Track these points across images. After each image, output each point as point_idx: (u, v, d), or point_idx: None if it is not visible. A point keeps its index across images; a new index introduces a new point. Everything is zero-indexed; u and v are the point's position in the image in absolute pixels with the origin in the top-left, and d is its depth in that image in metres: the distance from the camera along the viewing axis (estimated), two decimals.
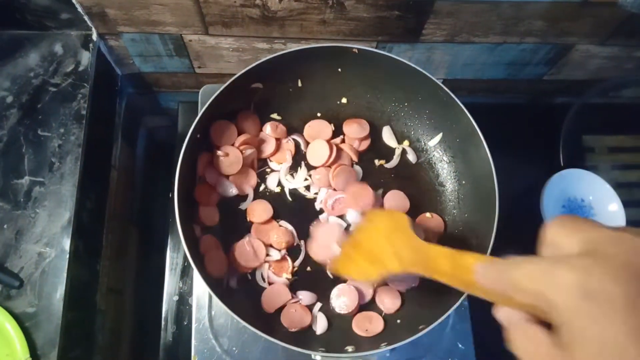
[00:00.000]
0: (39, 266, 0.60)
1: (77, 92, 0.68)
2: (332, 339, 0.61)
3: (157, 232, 0.87)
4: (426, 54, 0.79)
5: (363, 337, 0.60)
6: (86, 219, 0.67)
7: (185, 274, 0.74)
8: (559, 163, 0.83)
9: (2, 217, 0.61)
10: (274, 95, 0.69)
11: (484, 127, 0.60)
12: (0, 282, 0.58)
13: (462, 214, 0.66)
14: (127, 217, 0.89)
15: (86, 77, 0.69)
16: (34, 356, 0.56)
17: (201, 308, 0.66)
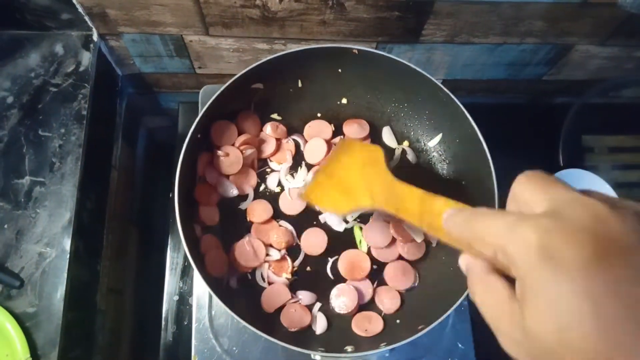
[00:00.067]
0: (39, 266, 0.60)
1: (77, 92, 0.68)
2: (332, 339, 0.61)
3: (157, 232, 0.87)
4: (426, 54, 0.79)
5: (362, 337, 0.60)
6: (86, 219, 0.67)
7: (185, 273, 0.74)
8: (559, 163, 0.83)
9: (2, 217, 0.62)
10: (274, 96, 0.69)
11: (484, 127, 0.60)
12: (1, 282, 0.58)
13: None
14: (127, 217, 0.89)
15: (87, 78, 0.69)
16: (34, 356, 0.56)
17: (201, 308, 0.66)
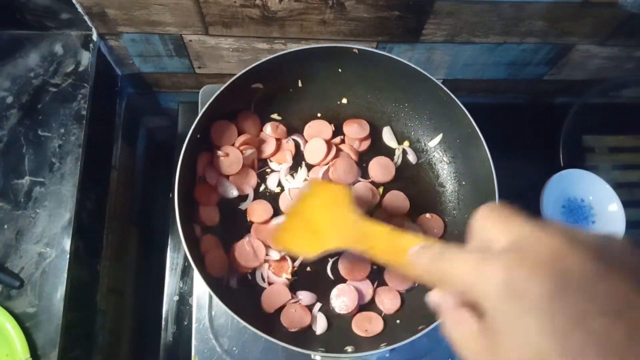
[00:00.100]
0: (39, 266, 0.60)
1: (77, 92, 0.68)
2: (332, 339, 0.61)
3: (157, 232, 0.87)
4: (426, 54, 0.79)
5: (363, 338, 0.60)
6: (86, 219, 0.67)
7: (185, 274, 0.74)
8: (559, 163, 0.83)
9: (2, 217, 0.61)
10: (274, 96, 0.69)
11: (484, 127, 0.60)
12: (1, 282, 0.58)
13: (462, 215, 0.66)
14: (127, 217, 0.89)
15: (86, 78, 0.69)
16: (34, 356, 0.56)
17: (201, 308, 0.66)
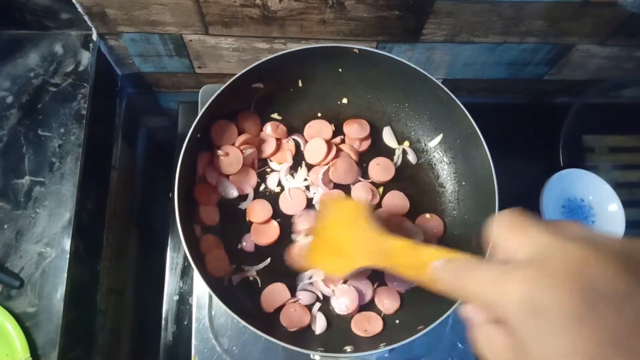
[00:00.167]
0: (39, 266, 0.60)
1: (77, 92, 0.68)
2: (331, 339, 0.61)
3: (157, 232, 0.87)
4: (426, 54, 0.79)
5: (362, 337, 0.60)
6: (86, 219, 0.67)
7: (185, 273, 0.74)
8: (559, 163, 0.83)
9: (2, 217, 0.61)
10: (274, 95, 0.69)
11: (484, 127, 0.60)
12: (1, 282, 0.58)
13: (462, 215, 0.66)
14: (127, 217, 0.89)
15: (86, 77, 0.69)
16: (34, 356, 0.56)
17: (201, 308, 0.66)
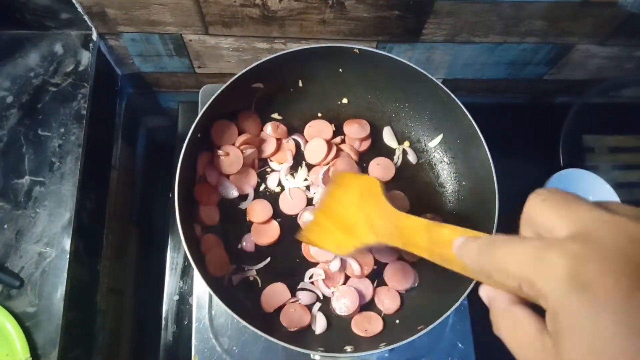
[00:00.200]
0: (39, 266, 0.60)
1: (77, 92, 0.68)
2: (331, 339, 0.61)
3: (157, 232, 0.87)
4: (426, 54, 0.79)
5: (362, 337, 0.60)
6: (86, 219, 0.67)
7: (185, 273, 0.74)
8: (559, 163, 0.83)
9: (2, 217, 0.61)
10: (274, 95, 0.69)
11: (484, 127, 0.60)
12: (1, 282, 0.58)
13: (462, 215, 0.66)
14: (127, 217, 0.89)
15: (86, 77, 0.69)
16: (34, 356, 0.56)
17: (201, 308, 0.66)
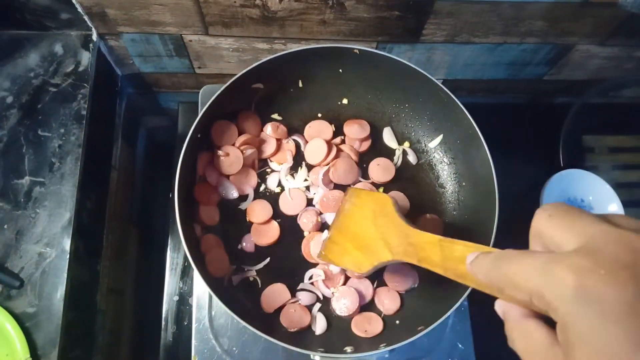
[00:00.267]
0: (39, 266, 0.60)
1: (77, 92, 0.68)
2: (331, 340, 0.61)
3: (157, 232, 0.87)
4: (426, 54, 0.79)
5: (362, 338, 0.60)
6: (86, 219, 0.67)
7: (185, 274, 0.74)
8: (559, 163, 0.83)
9: (2, 217, 0.61)
10: (274, 96, 0.69)
11: (484, 128, 0.60)
12: (1, 282, 0.58)
13: (462, 216, 0.66)
14: (127, 217, 0.89)
15: (86, 77, 0.69)
16: (34, 356, 0.56)
17: (201, 308, 0.66)
